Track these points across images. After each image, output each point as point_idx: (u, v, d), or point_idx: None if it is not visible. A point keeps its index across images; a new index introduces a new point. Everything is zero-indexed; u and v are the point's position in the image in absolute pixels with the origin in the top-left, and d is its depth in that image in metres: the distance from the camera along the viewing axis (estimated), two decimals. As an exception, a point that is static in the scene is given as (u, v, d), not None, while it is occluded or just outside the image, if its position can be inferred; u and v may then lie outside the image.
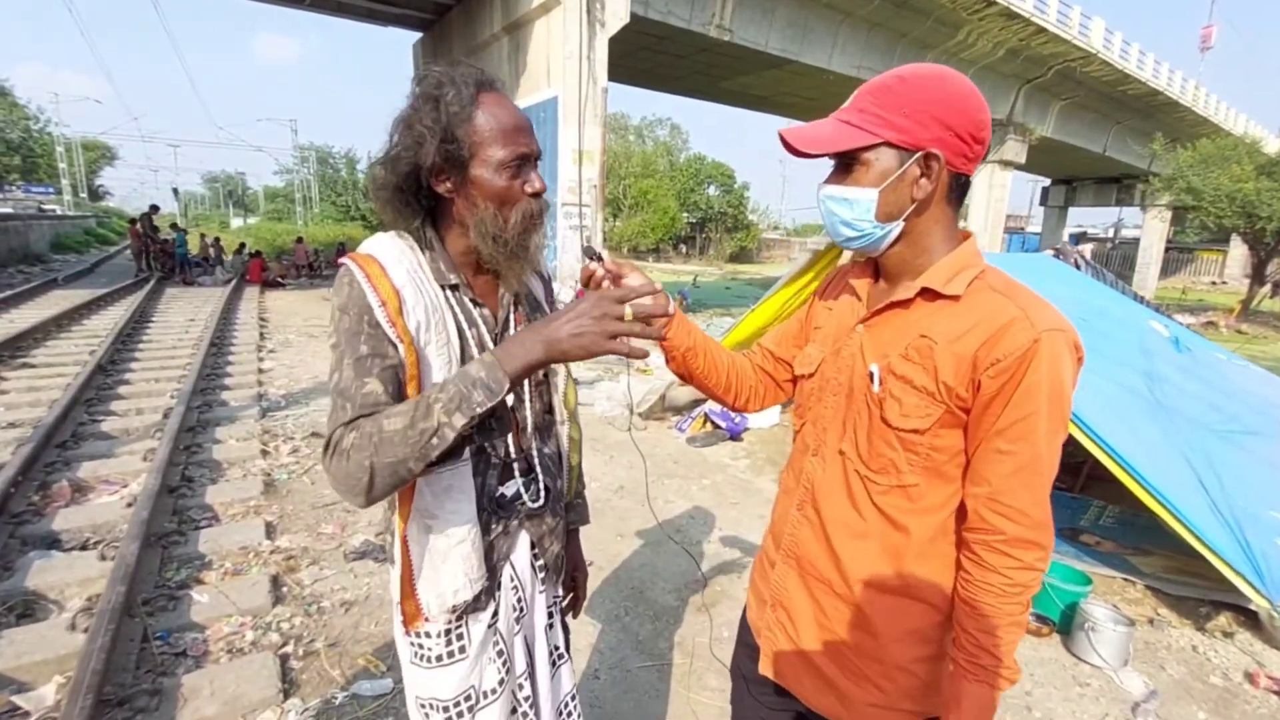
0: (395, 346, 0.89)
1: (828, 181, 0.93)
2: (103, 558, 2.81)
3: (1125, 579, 3.11)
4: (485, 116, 0.91)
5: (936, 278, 0.89)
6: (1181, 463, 2.83)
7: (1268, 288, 18.23)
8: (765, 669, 1.08)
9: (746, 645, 1.17)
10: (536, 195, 0.96)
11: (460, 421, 0.80)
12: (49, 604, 2.55)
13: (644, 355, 0.82)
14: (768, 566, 1.11)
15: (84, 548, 2.96)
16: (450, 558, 0.97)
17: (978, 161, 0.88)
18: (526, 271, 1.02)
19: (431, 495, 0.95)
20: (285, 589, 2.74)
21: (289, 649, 2.36)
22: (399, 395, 0.89)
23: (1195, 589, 2.94)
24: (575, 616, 1.35)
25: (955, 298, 0.87)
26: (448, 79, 0.91)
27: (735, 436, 5.14)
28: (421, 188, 0.94)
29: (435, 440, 0.80)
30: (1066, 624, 2.61)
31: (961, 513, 0.92)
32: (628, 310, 0.83)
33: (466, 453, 0.97)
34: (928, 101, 0.84)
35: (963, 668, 0.88)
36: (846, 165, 0.89)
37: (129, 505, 3.28)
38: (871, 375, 0.92)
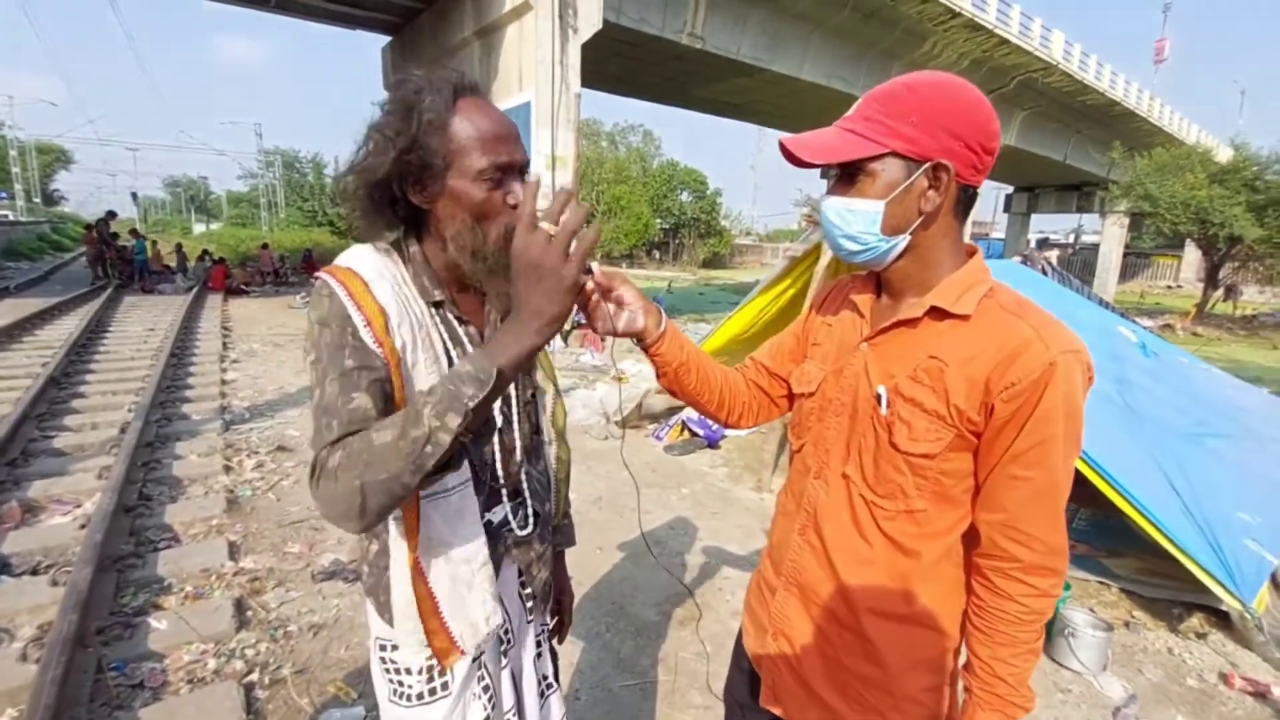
0: (382, 362, 0.83)
1: (830, 192, 0.89)
2: (55, 583, 2.65)
3: (1100, 582, 3.15)
4: (463, 124, 0.85)
5: (945, 296, 0.86)
6: (1153, 466, 2.88)
7: (1220, 291, 18.96)
8: (768, 701, 1.04)
9: (743, 672, 1.13)
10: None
11: (454, 422, 0.72)
12: (-3, 634, 2.39)
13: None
14: (767, 593, 1.06)
15: (35, 572, 2.80)
16: (475, 584, 0.92)
17: (986, 173, 0.85)
18: (509, 289, 0.96)
19: (443, 521, 0.89)
20: (250, 613, 2.62)
21: (254, 677, 2.25)
22: (388, 411, 0.82)
23: (1168, 590, 2.99)
24: (561, 642, 1.29)
25: (965, 317, 0.84)
26: (425, 83, 0.85)
27: (713, 444, 5.12)
28: (395, 199, 0.88)
29: (429, 448, 0.72)
30: (1047, 630, 2.62)
31: (968, 537, 0.89)
32: (546, 225, 0.74)
33: (468, 470, 0.92)
34: (937, 110, 0.80)
35: (978, 696, 0.86)
36: (851, 176, 0.85)
37: (82, 526, 3.11)
38: (879, 397, 0.89)
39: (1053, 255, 6.53)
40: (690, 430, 5.19)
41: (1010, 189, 32.21)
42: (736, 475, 4.56)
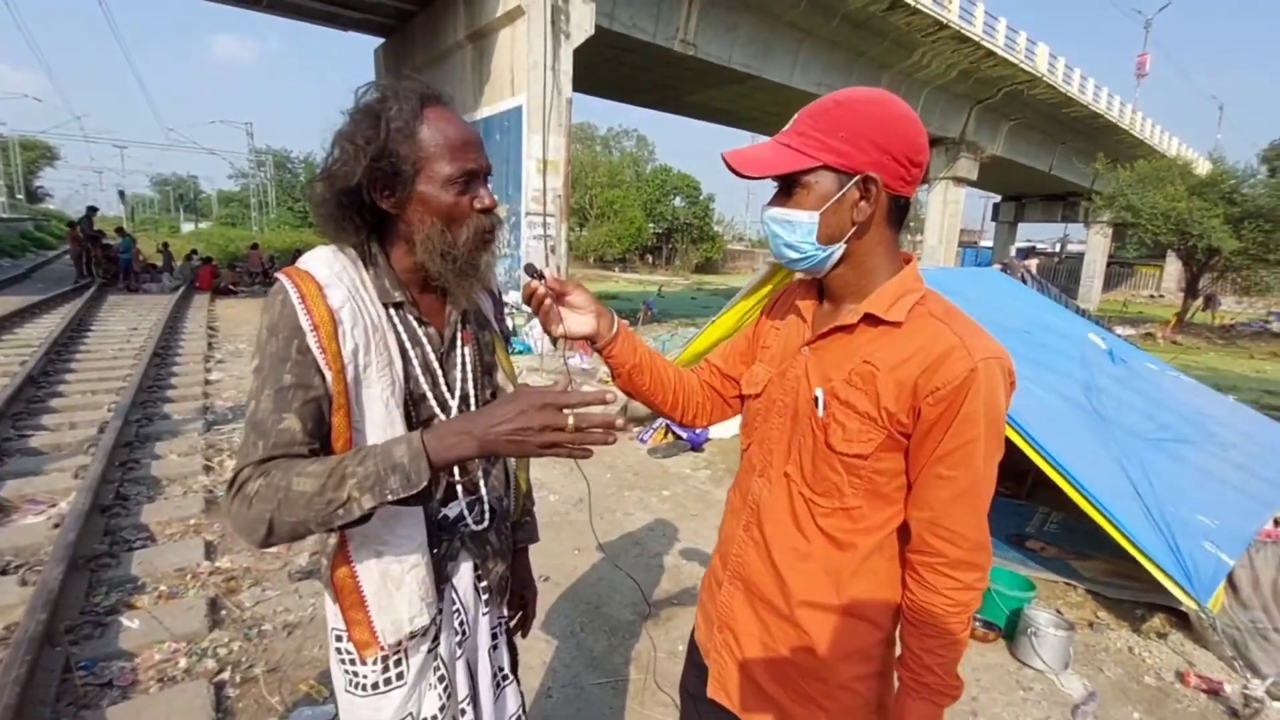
0: (323, 375, 0.86)
1: (770, 204, 0.93)
2: (24, 583, 2.64)
3: (1067, 583, 3.21)
4: (431, 132, 0.89)
5: (879, 303, 0.90)
6: (1118, 470, 2.95)
7: (1200, 301, 19.27)
8: (714, 692, 1.08)
9: (696, 665, 1.16)
10: (486, 211, 0.94)
11: (369, 504, 0.77)
12: (-38, 634, 2.38)
13: (587, 456, 0.80)
14: (715, 587, 1.11)
15: (4, 572, 2.79)
16: (404, 583, 0.94)
17: (916, 184, 0.90)
18: (476, 289, 1.00)
19: (380, 521, 0.91)
20: (224, 612, 2.62)
21: (225, 676, 2.25)
22: (319, 432, 0.86)
23: (1132, 591, 3.06)
24: (524, 636, 1.32)
25: (897, 324, 0.88)
26: (391, 93, 0.89)
27: (696, 447, 5.16)
28: (363, 204, 0.91)
29: (341, 512, 0.77)
30: (1011, 629, 2.68)
31: (902, 531, 0.93)
32: (571, 419, 0.77)
33: None
34: (864, 125, 0.85)
35: (908, 685, 0.91)
36: (788, 188, 0.90)
37: (56, 526, 3.10)
38: (816, 399, 0.93)
39: (1032, 264, 6.64)
40: (674, 433, 5.23)
41: (998, 198, 32.59)
42: (718, 478, 4.60)
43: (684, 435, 5.18)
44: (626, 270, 32.36)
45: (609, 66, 13.61)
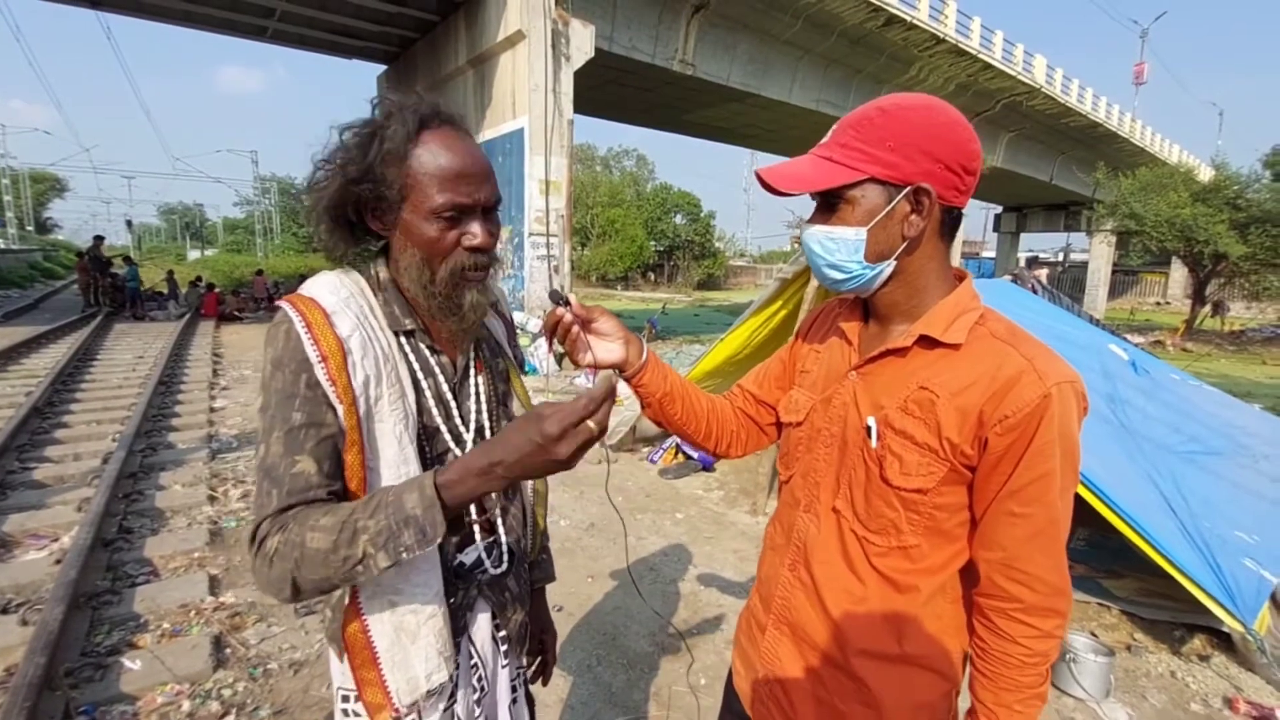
0: (335, 410, 0.79)
1: (811, 221, 0.86)
2: (24, 623, 2.57)
3: (1100, 604, 3.09)
4: (424, 157, 0.81)
5: (935, 324, 0.83)
6: (1149, 485, 2.85)
7: (1209, 307, 19.14)
8: None
9: (734, 714, 1.08)
10: (477, 250, 0.85)
11: (384, 562, 0.71)
12: (-41, 679, 2.30)
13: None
14: (757, 631, 1.02)
15: (4, 611, 2.71)
16: (420, 637, 0.86)
17: (970, 194, 0.83)
18: (466, 329, 0.91)
19: (394, 570, 0.85)
20: (229, 650, 2.53)
21: (230, 719, 2.16)
22: (334, 471, 0.80)
23: (1169, 612, 2.94)
24: (545, 684, 1.24)
25: (956, 346, 0.81)
26: (395, 109, 0.83)
27: (707, 467, 5.07)
28: (354, 224, 0.86)
29: (360, 569, 0.72)
30: (1047, 655, 2.56)
31: (965, 571, 0.86)
32: (593, 425, 0.69)
33: None
34: (912, 133, 0.78)
35: None
36: (830, 204, 0.83)
37: (58, 562, 3.02)
38: (869, 429, 0.85)
39: (1042, 274, 6.57)
40: (685, 453, 5.14)
41: (999, 209, 32.65)
42: (731, 499, 4.50)
43: (695, 455, 5.08)
44: (629, 288, 32.40)
45: (609, 88, 13.74)
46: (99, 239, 15.56)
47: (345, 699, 0.90)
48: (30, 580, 2.92)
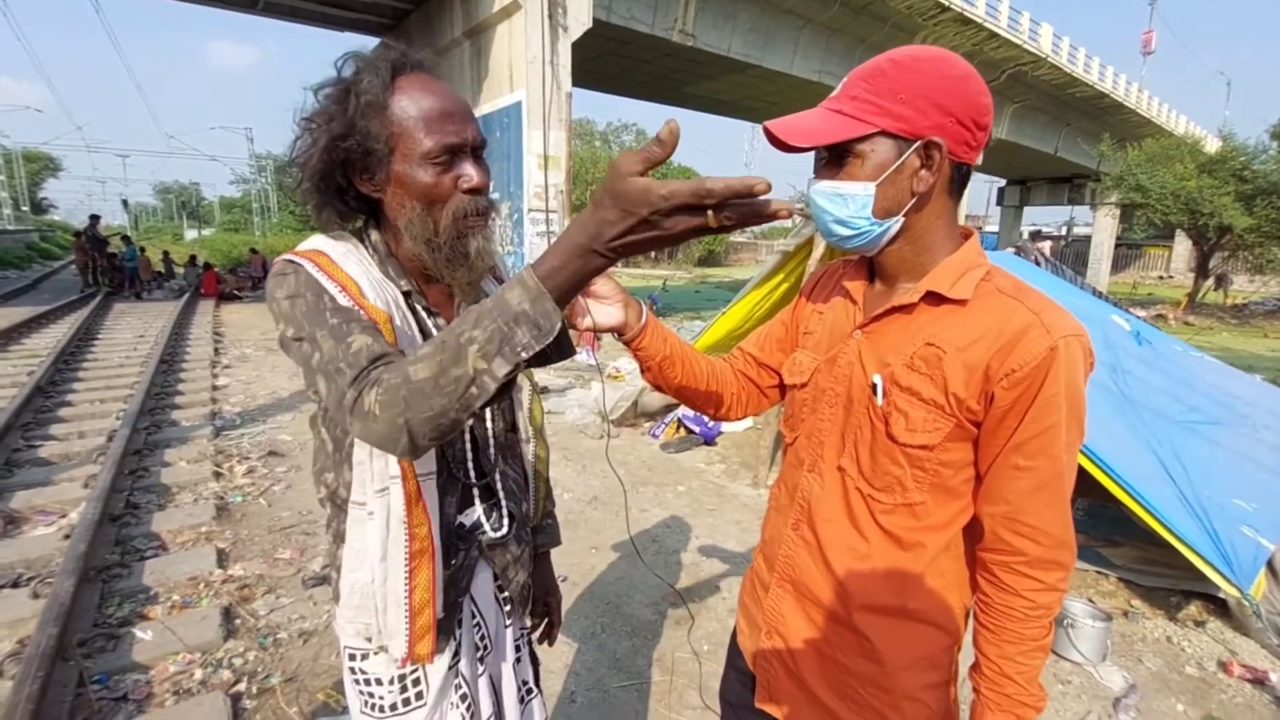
0: (368, 320, 0.77)
1: (818, 176, 0.84)
2: (35, 595, 2.60)
3: (1098, 571, 3.13)
4: (404, 103, 0.79)
5: (941, 280, 0.82)
6: (1148, 454, 2.86)
7: (1211, 281, 19.03)
8: (763, 701, 1.01)
9: (738, 670, 1.09)
10: (475, 191, 0.84)
11: (503, 370, 0.62)
12: (-26, 649, 2.34)
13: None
14: (760, 590, 1.03)
15: (15, 585, 2.75)
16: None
17: (980, 149, 0.81)
18: (474, 279, 0.90)
19: (383, 536, 0.84)
20: (238, 621, 2.57)
21: (241, 687, 2.20)
22: (388, 352, 0.75)
23: (1166, 579, 2.97)
24: (551, 644, 1.26)
25: (963, 302, 0.81)
26: (364, 63, 0.81)
27: (709, 441, 5.09)
28: (344, 188, 0.83)
29: (475, 389, 0.63)
30: (1045, 621, 2.60)
31: (969, 529, 0.86)
32: (711, 216, 0.55)
33: (431, 464, 0.86)
34: (925, 85, 0.76)
35: (986, 697, 0.83)
36: (838, 158, 0.81)
37: (66, 537, 3.06)
38: (874, 387, 0.85)
39: (1045, 246, 6.52)
40: (686, 427, 5.16)
41: (1003, 182, 32.28)
42: (733, 471, 4.53)
43: (696, 429, 5.11)
44: (629, 265, 32.22)
45: (608, 59, 13.50)
46: (95, 218, 15.47)
47: (352, 658, 0.92)
48: (40, 555, 2.96)
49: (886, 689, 0.88)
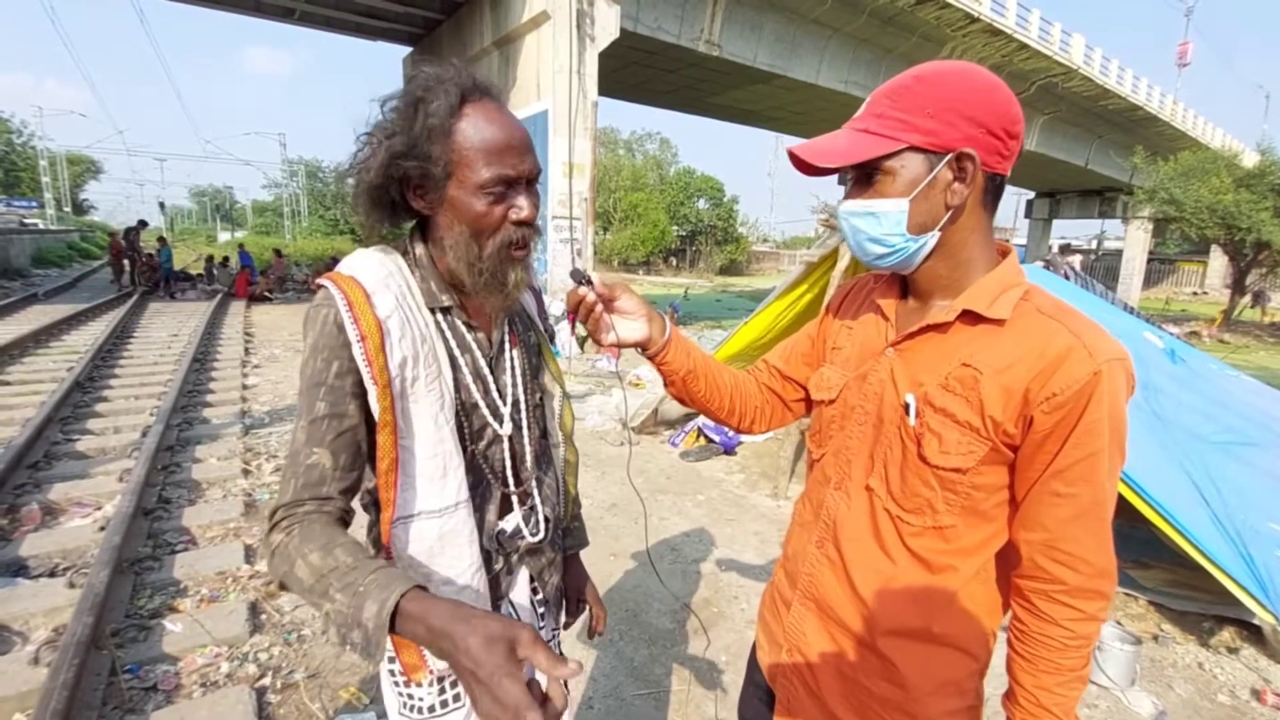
0: (363, 396, 0.81)
1: (848, 196, 0.84)
2: (71, 585, 2.68)
3: (1127, 594, 3.06)
4: (468, 131, 0.80)
5: (979, 299, 0.80)
6: (1181, 475, 2.79)
7: (1248, 298, 18.51)
8: (781, 717, 1.00)
9: (756, 686, 1.09)
10: (523, 224, 0.86)
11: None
12: (13, 635, 2.42)
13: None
14: (781, 606, 1.02)
15: (52, 574, 2.84)
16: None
17: (1013, 159, 0.80)
18: (508, 306, 0.93)
19: (426, 553, 0.86)
20: (264, 616, 2.63)
21: (266, 681, 2.25)
22: (355, 464, 0.82)
23: (1198, 603, 2.90)
24: (601, 633, 1.31)
25: (1001, 322, 0.79)
26: (435, 82, 0.82)
27: (729, 450, 5.07)
28: (396, 201, 0.85)
29: (330, 614, 0.70)
30: (1071, 643, 2.55)
31: (1003, 553, 0.85)
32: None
33: (463, 493, 0.88)
34: (952, 98, 0.76)
35: None
36: (868, 177, 0.81)
37: (101, 529, 3.15)
38: (907, 407, 0.84)
39: (1075, 260, 6.40)
40: (706, 436, 5.16)
41: (1031, 194, 31.79)
42: (752, 482, 4.51)
43: (716, 438, 5.10)
44: (650, 273, 32.31)
45: (634, 69, 13.63)
46: (142, 223, 16.06)
47: (391, 660, 0.93)
48: (76, 545, 3.05)
49: (909, 713, 0.87)
